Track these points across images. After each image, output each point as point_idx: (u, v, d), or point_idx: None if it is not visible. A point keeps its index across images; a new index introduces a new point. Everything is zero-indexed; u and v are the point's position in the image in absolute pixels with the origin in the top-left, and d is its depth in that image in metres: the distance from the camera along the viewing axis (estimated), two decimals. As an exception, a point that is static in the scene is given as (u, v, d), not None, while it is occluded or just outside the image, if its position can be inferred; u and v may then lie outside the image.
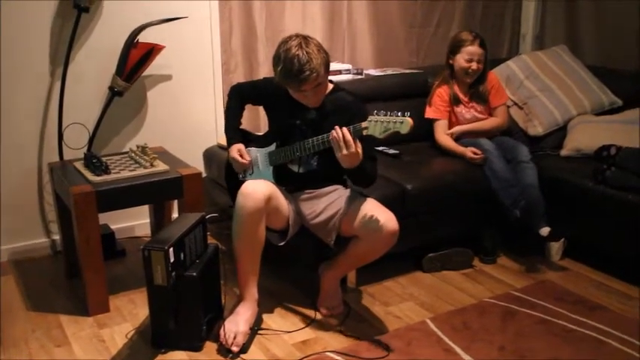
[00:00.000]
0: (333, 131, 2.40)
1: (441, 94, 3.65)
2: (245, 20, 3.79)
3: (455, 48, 3.61)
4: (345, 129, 2.38)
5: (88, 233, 2.76)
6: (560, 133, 3.83)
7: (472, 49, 3.54)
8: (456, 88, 3.64)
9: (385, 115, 2.29)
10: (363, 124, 2.35)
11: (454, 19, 4.56)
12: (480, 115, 3.66)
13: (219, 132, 3.83)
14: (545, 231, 3.22)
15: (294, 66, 2.44)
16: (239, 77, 3.81)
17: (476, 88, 3.64)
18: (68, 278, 3.24)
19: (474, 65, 3.55)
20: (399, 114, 2.26)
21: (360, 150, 2.40)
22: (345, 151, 2.38)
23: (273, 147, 2.78)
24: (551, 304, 2.93)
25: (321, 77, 2.50)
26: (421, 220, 3.18)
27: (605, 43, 4.39)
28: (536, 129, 3.86)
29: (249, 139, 2.91)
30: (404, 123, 2.25)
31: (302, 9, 3.95)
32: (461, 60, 3.57)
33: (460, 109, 3.65)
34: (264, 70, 3.86)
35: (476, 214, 3.42)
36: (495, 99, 3.68)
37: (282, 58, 2.48)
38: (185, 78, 3.71)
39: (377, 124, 2.30)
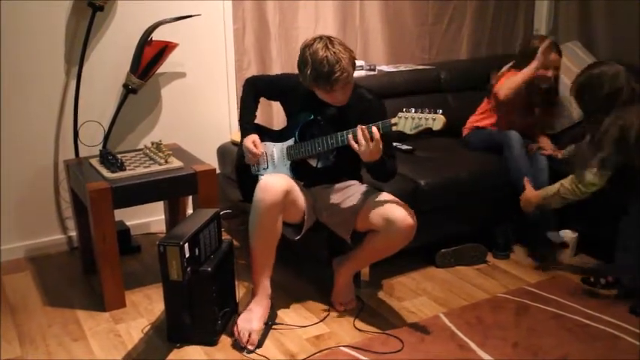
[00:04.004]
0: (362, 127, 2.41)
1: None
2: (258, 19, 3.81)
3: (530, 54, 3.52)
4: (374, 127, 2.40)
5: (104, 229, 2.79)
6: (576, 129, 3.81)
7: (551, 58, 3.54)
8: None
9: (416, 112, 2.32)
10: (393, 120, 2.37)
11: (466, 15, 4.55)
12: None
13: (232, 128, 3.85)
14: (555, 236, 3.27)
15: (324, 68, 2.45)
16: (252, 74, 3.78)
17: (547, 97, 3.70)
18: (84, 274, 3.27)
19: (550, 73, 3.55)
20: (431, 111, 2.30)
21: (381, 146, 2.42)
22: (370, 148, 2.40)
23: (291, 142, 2.78)
24: (565, 299, 2.93)
25: (350, 76, 2.51)
26: (434, 216, 3.17)
27: (618, 37, 4.36)
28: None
29: (263, 133, 2.92)
30: (437, 120, 2.28)
31: (315, 7, 3.96)
32: (538, 60, 3.47)
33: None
34: (277, 67, 3.88)
35: (489, 210, 3.42)
36: None
37: (311, 62, 2.47)
38: (198, 75, 3.73)
39: (407, 120, 2.33)
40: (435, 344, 2.58)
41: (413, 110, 2.33)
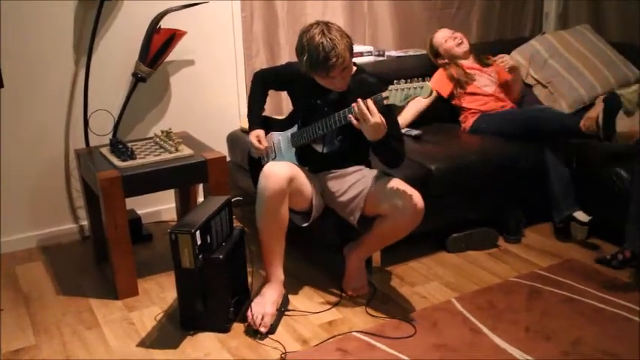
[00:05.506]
0: (355, 103, 2.41)
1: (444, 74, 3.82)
2: (266, 6, 3.79)
3: (434, 50, 3.87)
4: (367, 100, 2.40)
5: (115, 218, 2.80)
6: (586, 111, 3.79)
7: (440, 34, 3.86)
8: (463, 66, 3.80)
9: (405, 82, 2.33)
10: (384, 94, 2.38)
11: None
12: (495, 80, 3.80)
13: (242, 116, 3.84)
14: (581, 215, 3.25)
15: (319, 54, 2.43)
16: (261, 62, 3.82)
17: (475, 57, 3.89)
18: (97, 263, 3.29)
19: (457, 36, 3.82)
20: (419, 80, 2.31)
21: (383, 120, 2.40)
22: (370, 121, 2.38)
23: (295, 128, 2.79)
24: (577, 283, 2.92)
25: (346, 62, 2.50)
26: (445, 201, 3.17)
27: (629, 18, 4.32)
28: (562, 107, 3.82)
29: (271, 125, 2.92)
30: (424, 88, 2.30)
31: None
32: (442, 50, 3.83)
33: (477, 81, 3.76)
34: (286, 54, 3.87)
35: (500, 194, 3.41)
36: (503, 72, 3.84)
37: (307, 48, 2.46)
38: (207, 63, 3.73)
39: (397, 92, 2.35)
40: (447, 329, 2.59)
41: (403, 82, 2.35)
